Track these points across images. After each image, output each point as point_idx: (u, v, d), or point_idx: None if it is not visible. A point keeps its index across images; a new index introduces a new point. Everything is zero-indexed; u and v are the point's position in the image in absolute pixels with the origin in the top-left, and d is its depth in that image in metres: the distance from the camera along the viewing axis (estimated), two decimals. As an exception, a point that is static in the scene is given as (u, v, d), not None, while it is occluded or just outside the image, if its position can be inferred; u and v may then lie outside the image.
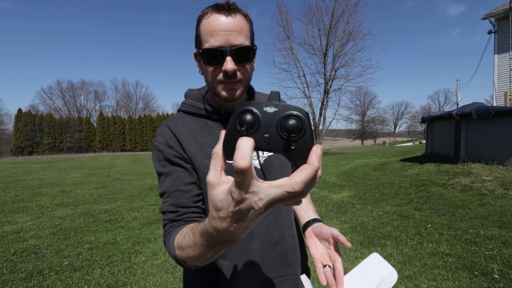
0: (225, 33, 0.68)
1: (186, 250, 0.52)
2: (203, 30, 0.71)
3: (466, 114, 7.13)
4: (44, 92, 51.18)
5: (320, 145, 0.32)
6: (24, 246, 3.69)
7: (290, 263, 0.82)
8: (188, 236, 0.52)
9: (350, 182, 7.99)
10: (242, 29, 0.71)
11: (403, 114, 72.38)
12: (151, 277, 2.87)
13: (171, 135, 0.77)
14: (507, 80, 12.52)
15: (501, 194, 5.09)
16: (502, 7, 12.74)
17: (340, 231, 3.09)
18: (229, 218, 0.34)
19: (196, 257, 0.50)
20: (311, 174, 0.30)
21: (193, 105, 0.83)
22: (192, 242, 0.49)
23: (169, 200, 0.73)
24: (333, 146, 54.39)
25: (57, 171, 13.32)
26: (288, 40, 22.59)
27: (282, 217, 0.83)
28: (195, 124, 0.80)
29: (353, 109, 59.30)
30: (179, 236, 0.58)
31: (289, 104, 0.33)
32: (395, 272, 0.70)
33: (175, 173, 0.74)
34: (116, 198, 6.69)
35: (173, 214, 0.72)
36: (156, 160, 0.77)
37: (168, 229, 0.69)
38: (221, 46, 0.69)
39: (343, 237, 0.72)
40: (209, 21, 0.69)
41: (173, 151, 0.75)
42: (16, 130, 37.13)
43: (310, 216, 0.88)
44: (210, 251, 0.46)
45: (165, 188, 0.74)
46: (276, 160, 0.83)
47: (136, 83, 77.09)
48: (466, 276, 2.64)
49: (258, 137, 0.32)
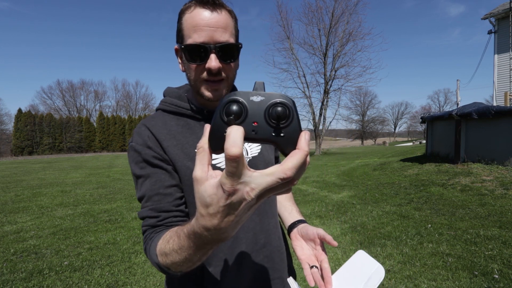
0: (209, 29, 0.65)
1: (171, 256, 0.49)
2: (185, 24, 0.67)
3: (466, 114, 7.13)
4: (44, 92, 51.27)
5: (308, 131, 0.32)
6: (24, 246, 3.69)
7: (277, 266, 0.81)
8: (173, 240, 0.48)
9: (350, 182, 7.99)
10: (227, 25, 0.68)
11: (403, 114, 72.44)
12: (151, 277, 2.87)
13: (149, 134, 0.72)
14: (507, 80, 12.52)
15: (501, 194, 5.09)
16: (502, 7, 12.74)
17: (340, 231, 3.08)
18: (219, 214, 0.33)
19: (182, 261, 0.47)
20: (302, 159, 0.30)
21: (174, 103, 0.78)
22: (178, 246, 0.46)
23: (149, 205, 0.68)
24: (333, 146, 54.40)
25: (57, 171, 13.32)
26: (288, 40, 22.62)
27: (268, 219, 0.81)
28: (176, 124, 0.76)
29: (353, 109, 59.36)
30: (161, 242, 0.54)
31: (275, 93, 0.33)
32: (382, 268, 0.70)
33: (154, 175, 0.69)
34: (116, 198, 6.69)
35: (154, 219, 0.67)
36: (133, 162, 0.71)
37: (149, 235, 0.65)
38: (205, 42, 0.65)
39: (329, 236, 0.71)
40: (193, 16, 0.66)
41: (152, 152, 0.70)
42: (16, 130, 37.14)
43: (295, 218, 0.87)
44: (198, 253, 0.43)
45: (144, 192, 0.69)
46: (261, 161, 0.81)
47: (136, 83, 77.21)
48: (466, 276, 2.64)
49: (246, 126, 0.31)
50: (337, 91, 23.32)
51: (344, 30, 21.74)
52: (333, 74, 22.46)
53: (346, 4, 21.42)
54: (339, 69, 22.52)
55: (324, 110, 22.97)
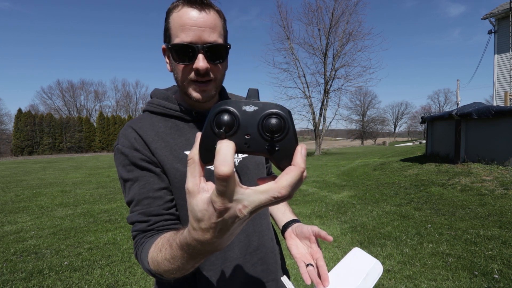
0: (197, 28, 0.64)
1: (163, 264, 0.48)
2: (173, 23, 0.66)
3: (466, 114, 7.13)
4: (44, 92, 51.30)
5: (304, 145, 0.30)
6: (24, 246, 3.69)
7: (271, 268, 0.81)
8: (165, 249, 0.47)
9: (350, 182, 7.99)
10: (215, 26, 0.67)
11: (403, 114, 72.45)
12: (151, 277, 2.86)
13: (136, 136, 0.70)
14: (507, 80, 12.52)
15: (501, 194, 5.09)
16: (502, 7, 12.74)
17: (340, 231, 3.08)
18: (211, 229, 0.32)
19: (175, 269, 0.46)
20: (298, 177, 0.29)
21: (161, 104, 0.76)
22: (170, 256, 0.45)
23: (138, 209, 0.66)
24: (333, 146, 54.41)
25: (57, 171, 13.32)
26: (288, 40, 22.61)
27: (260, 220, 0.81)
28: (164, 125, 0.74)
29: (353, 109, 59.33)
30: (153, 250, 0.52)
31: (269, 102, 0.30)
32: (380, 264, 0.69)
33: (143, 178, 0.67)
34: (116, 198, 6.69)
35: (144, 224, 0.65)
36: (120, 165, 0.69)
37: (139, 240, 0.63)
38: (193, 42, 0.65)
39: (324, 232, 0.71)
40: (180, 15, 0.65)
41: (140, 154, 0.68)
42: (16, 130, 37.15)
43: (289, 218, 0.86)
44: (191, 262, 0.43)
45: (133, 196, 0.67)
46: (251, 162, 0.80)
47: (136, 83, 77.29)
48: (466, 276, 2.64)
49: (238, 139, 0.29)
50: (337, 91, 23.34)
51: (344, 30, 21.76)
52: (333, 74, 22.47)
53: (346, 4, 21.45)
54: (339, 69, 22.54)
55: (324, 110, 22.97)
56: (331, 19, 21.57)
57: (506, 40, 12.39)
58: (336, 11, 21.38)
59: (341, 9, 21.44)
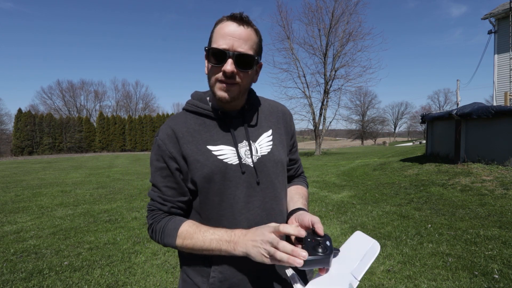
0: (232, 38, 0.75)
1: (191, 248, 0.76)
2: (215, 32, 0.79)
3: (466, 114, 7.13)
4: (44, 92, 51.27)
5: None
6: (24, 246, 3.69)
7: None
8: (196, 239, 0.74)
9: (350, 182, 7.99)
10: (249, 39, 0.77)
11: (403, 114, 72.44)
12: (151, 277, 2.87)
13: (170, 132, 0.83)
14: (507, 80, 12.52)
15: (501, 194, 5.09)
16: (502, 7, 12.74)
17: (340, 231, 3.09)
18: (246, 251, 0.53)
19: (198, 251, 0.75)
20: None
21: (195, 104, 0.88)
22: (199, 246, 0.74)
23: (158, 192, 0.83)
24: (333, 146, 54.41)
25: (57, 171, 13.32)
26: (288, 40, 22.61)
27: (275, 216, 0.86)
28: (194, 122, 0.86)
29: (353, 109, 59.32)
30: (187, 232, 0.77)
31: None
32: (378, 244, 0.72)
33: (165, 170, 0.83)
34: (116, 198, 6.69)
35: (161, 205, 0.83)
36: (154, 153, 0.85)
37: (158, 216, 0.83)
38: (226, 49, 0.75)
39: (320, 225, 0.72)
40: (222, 26, 0.77)
41: (170, 151, 0.82)
42: (16, 130, 37.11)
43: (297, 206, 0.89)
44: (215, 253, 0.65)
45: (155, 181, 0.84)
46: (269, 160, 0.86)
47: (136, 83, 77.25)
48: (466, 276, 2.64)
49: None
50: (337, 91, 23.32)
51: (344, 30, 21.75)
52: (333, 74, 22.46)
53: (346, 4, 21.42)
54: (339, 69, 22.52)
55: (324, 110, 22.97)
56: (331, 19, 21.57)
57: (506, 40, 12.39)
58: (336, 11, 21.38)
59: (341, 9, 21.44)
